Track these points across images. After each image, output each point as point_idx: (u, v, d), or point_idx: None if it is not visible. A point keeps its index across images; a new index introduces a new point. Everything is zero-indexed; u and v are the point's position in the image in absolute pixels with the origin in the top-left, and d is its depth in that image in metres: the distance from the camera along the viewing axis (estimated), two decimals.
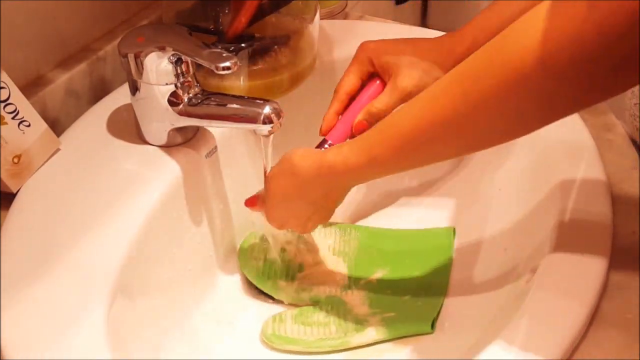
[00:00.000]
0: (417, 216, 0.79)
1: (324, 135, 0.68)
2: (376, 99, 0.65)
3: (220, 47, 0.63)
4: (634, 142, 0.69)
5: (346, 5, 0.93)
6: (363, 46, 0.68)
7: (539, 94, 0.44)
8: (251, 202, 0.68)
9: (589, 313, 0.53)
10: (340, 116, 0.68)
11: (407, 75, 0.64)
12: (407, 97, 0.64)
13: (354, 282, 0.73)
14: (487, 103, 0.47)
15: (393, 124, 0.55)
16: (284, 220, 0.66)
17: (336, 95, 0.68)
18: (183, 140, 0.68)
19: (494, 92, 0.46)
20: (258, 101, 0.62)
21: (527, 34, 0.43)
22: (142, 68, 0.62)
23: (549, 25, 0.42)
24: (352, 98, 0.68)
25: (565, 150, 0.67)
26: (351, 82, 0.68)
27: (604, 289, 0.55)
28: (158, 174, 0.66)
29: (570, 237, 0.59)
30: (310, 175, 0.60)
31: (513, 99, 0.46)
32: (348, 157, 0.57)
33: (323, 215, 0.65)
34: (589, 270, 0.55)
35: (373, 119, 0.64)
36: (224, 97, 0.65)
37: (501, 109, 0.47)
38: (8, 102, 0.62)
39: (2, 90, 0.61)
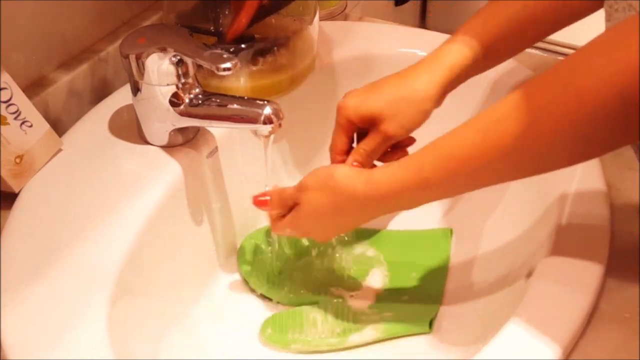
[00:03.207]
0: (415, 217, 0.78)
1: None
2: (363, 142, 0.64)
3: (220, 48, 0.64)
4: None
5: (346, 6, 0.93)
6: (340, 109, 0.64)
7: (617, 122, 0.44)
8: (262, 203, 0.65)
9: (588, 312, 0.53)
10: None
11: (387, 120, 0.62)
12: (390, 139, 0.63)
13: (352, 282, 0.73)
14: (555, 131, 0.46)
15: (447, 146, 0.53)
16: (309, 230, 0.64)
17: (331, 156, 0.67)
18: (184, 141, 0.69)
19: (565, 121, 0.45)
20: (258, 102, 0.62)
21: (599, 64, 0.43)
22: (144, 69, 0.63)
23: (622, 55, 0.42)
24: (346, 153, 0.66)
25: None
26: (340, 141, 0.66)
27: (603, 288, 0.55)
28: (159, 174, 0.66)
29: (568, 236, 0.59)
30: (353, 196, 0.58)
31: (585, 128, 0.45)
32: (396, 174, 0.56)
33: (347, 228, 0.64)
34: (587, 269, 0.56)
35: (362, 159, 0.64)
36: (225, 97, 0.65)
37: (570, 138, 0.46)
38: (10, 102, 0.62)
39: (4, 90, 0.62)
